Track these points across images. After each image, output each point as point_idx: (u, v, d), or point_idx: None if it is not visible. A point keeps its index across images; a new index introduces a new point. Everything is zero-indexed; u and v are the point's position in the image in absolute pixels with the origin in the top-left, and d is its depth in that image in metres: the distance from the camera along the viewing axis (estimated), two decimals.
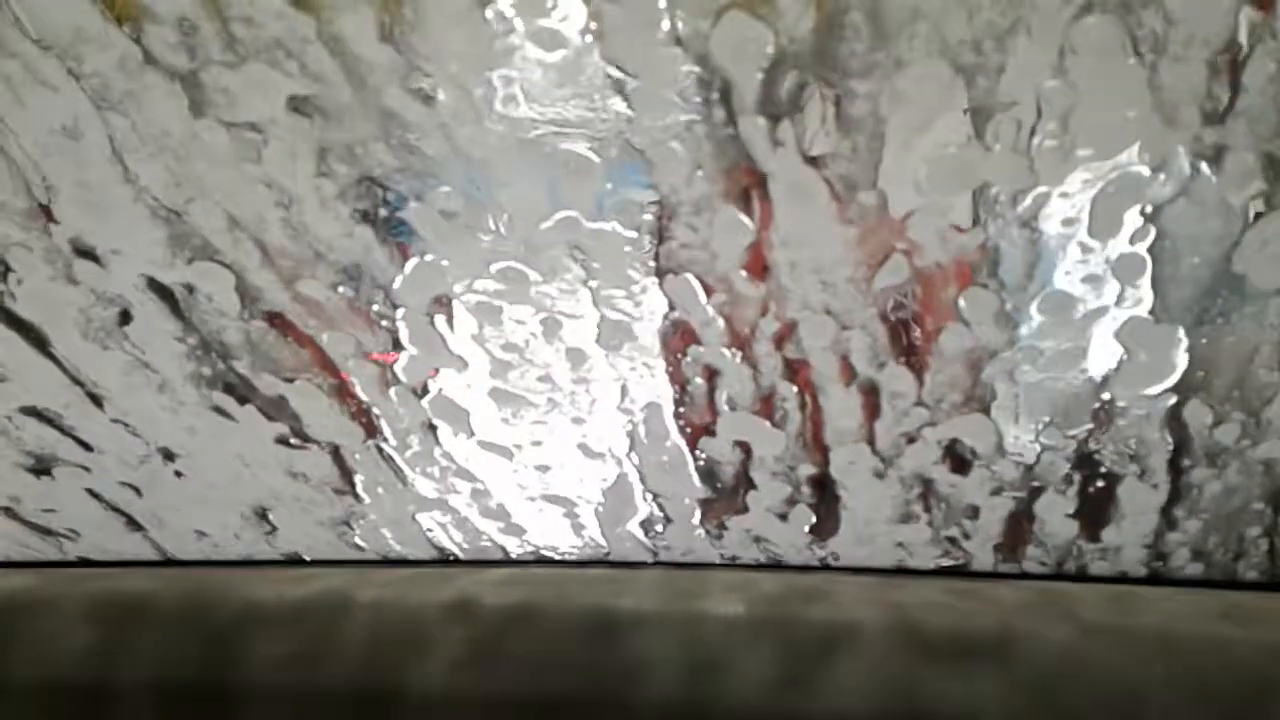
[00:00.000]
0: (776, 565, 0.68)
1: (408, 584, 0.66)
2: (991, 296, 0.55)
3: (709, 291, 0.57)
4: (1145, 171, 0.50)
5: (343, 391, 0.65)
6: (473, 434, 0.66)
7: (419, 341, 0.62)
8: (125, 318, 0.62)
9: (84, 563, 0.76)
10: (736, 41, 0.48)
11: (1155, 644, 0.55)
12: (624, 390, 0.62)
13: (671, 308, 0.58)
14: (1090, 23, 0.46)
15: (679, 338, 0.60)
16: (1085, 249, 0.53)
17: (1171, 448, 0.59)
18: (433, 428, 0.66)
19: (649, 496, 0.67)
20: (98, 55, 0.52)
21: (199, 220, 0.58)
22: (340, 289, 0.60)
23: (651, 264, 0.57)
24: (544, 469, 0.68)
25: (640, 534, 0.69)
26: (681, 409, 0.63)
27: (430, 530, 0.72)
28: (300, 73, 0.52)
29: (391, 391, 0.65)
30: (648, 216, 0.55)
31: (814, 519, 0.65)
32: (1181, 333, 0.55)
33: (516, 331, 0.61)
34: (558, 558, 0.72)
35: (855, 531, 0.65)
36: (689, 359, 0.60)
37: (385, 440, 0.67)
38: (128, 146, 0.55)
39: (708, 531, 0.68)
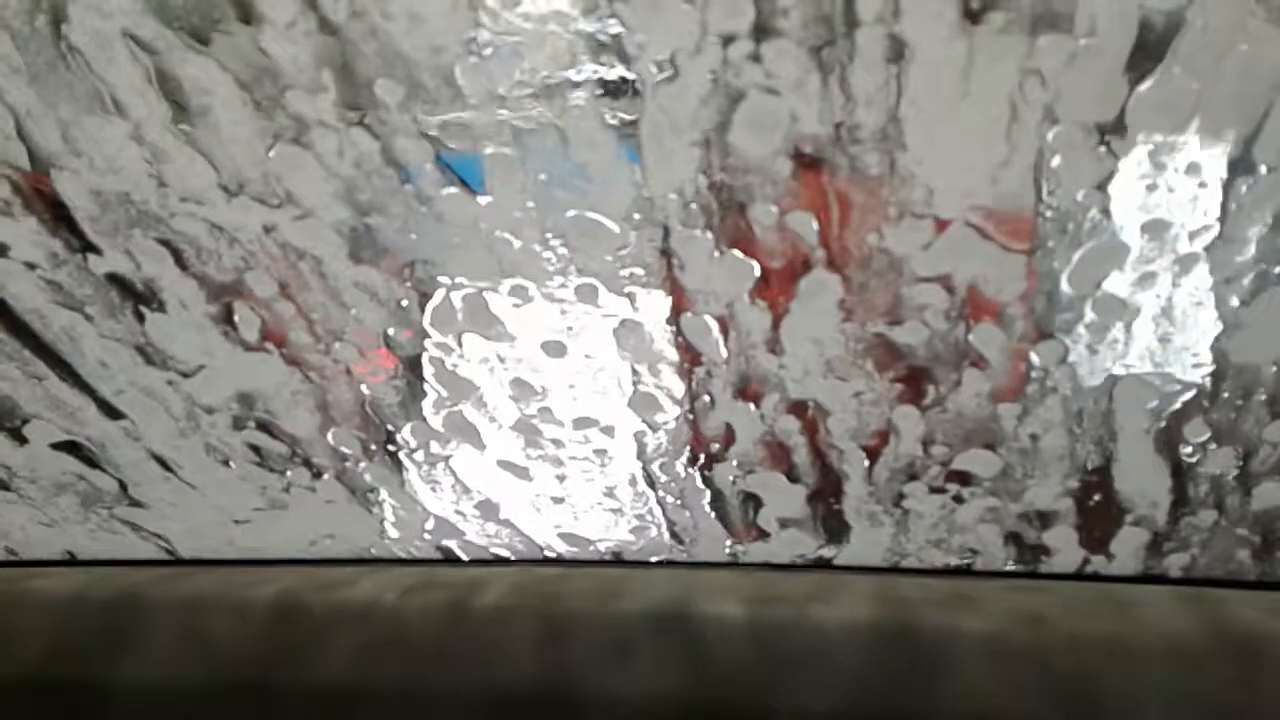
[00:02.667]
0: (779, 565, 0.69)
1: (407, 583, 0.67)
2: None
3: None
4: None
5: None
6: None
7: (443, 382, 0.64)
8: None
9: (88, 561, 0.76)
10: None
11: (1153, 645, 0.56)
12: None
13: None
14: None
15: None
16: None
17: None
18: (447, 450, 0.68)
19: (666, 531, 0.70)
20: None
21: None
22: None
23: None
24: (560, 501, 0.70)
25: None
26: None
27: (435, 533, 0.73)
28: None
29: (405, 407, 0.66)
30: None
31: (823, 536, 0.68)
32: None
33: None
34: (561, 557, 0.73)
35: (861, 536, 0.67)
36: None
37: (398, 449, 0.69)
38: None
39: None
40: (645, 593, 0.63)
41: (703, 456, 0.65)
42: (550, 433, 0.65)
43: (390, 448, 0.69)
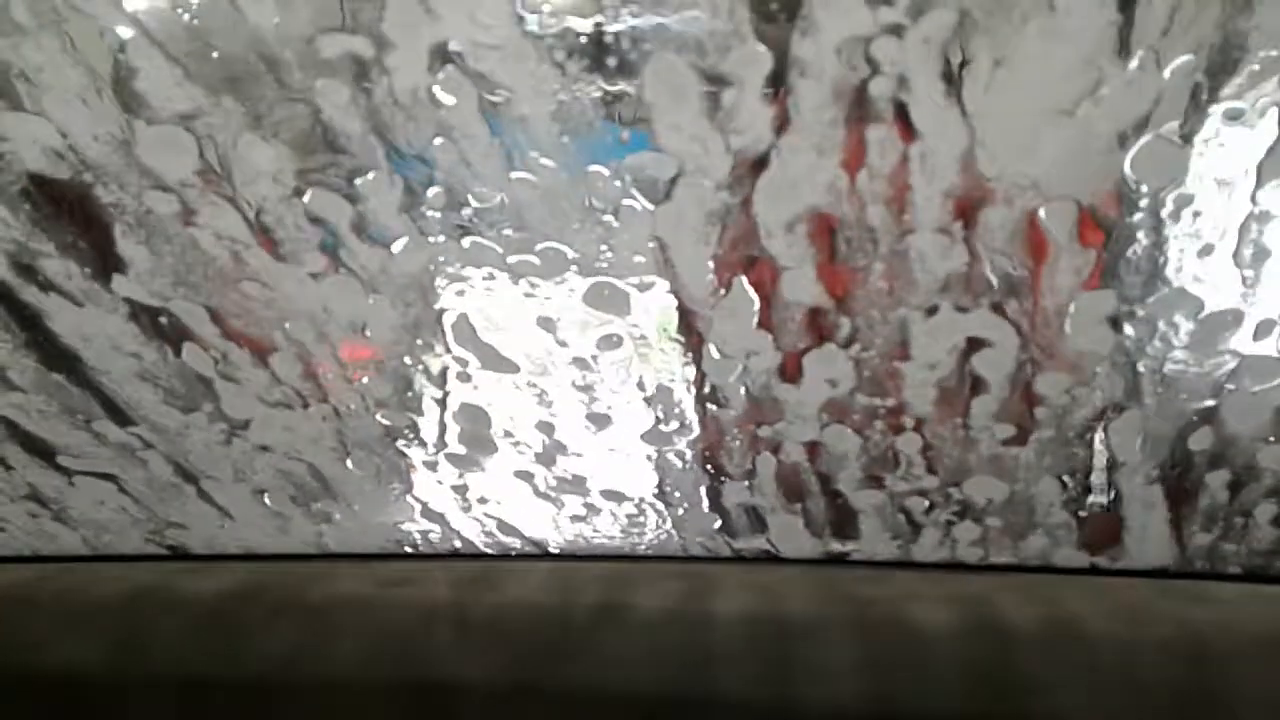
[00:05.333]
0: (784, 559, 0.70)
1: (413, 578, 0.68)
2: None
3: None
4: None
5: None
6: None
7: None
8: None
9: (99, 557, 0.77)
10: None
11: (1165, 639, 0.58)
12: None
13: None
14: None
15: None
16: None
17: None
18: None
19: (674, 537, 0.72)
20: None
21: None
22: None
23: None
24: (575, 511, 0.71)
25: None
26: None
27: (439, 528, 0.74)
28: None
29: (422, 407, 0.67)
30: None
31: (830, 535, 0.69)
32: None
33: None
34: (564, 553, 0.74)
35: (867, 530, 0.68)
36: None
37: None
38: None
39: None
40: (653, 588, 0.64)
41: (717, 475, 0.67)
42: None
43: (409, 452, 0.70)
